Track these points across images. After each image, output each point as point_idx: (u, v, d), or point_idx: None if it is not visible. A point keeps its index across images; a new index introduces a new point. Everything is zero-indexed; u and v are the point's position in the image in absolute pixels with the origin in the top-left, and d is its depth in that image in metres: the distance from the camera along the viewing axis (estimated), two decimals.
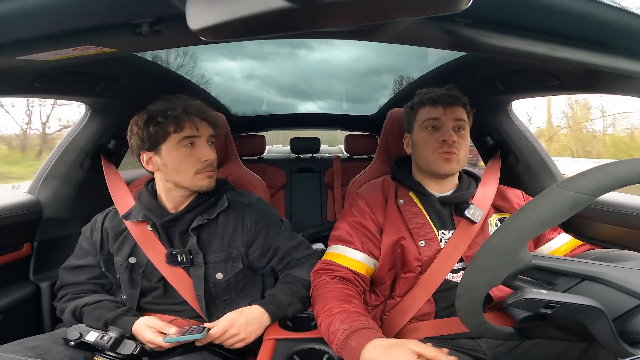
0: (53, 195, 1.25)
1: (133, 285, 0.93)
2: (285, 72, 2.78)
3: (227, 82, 2.60)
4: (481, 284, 0.52)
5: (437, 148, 0.90)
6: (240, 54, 2.38)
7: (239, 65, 2.51)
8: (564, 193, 0.46)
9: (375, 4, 0.36)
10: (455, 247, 0.87)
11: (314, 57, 2.69)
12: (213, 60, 2.27)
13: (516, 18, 0.56)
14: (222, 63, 2.41)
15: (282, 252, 0.98)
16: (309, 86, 3.02)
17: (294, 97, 3.02)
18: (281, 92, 3.02)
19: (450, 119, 0.92)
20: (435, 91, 0.95)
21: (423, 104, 0.96)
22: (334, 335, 0.70)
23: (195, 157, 0.89)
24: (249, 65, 2.56)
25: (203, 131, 0.91)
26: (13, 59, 0.64)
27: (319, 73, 2.79)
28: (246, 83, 2.77)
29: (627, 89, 0.87)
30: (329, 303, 0.77)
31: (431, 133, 0.92)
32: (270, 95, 2.96)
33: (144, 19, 0.52)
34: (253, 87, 2.87)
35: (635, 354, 0.47)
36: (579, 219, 1.18)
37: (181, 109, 0.88)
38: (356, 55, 2.52)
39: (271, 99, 2.97)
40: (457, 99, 0.93)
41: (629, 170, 0.46)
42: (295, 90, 2.96)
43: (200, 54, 1.96)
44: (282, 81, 2.94)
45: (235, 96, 2.68)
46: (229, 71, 2.51)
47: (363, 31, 0.64)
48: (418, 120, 0.96)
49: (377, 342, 0.64)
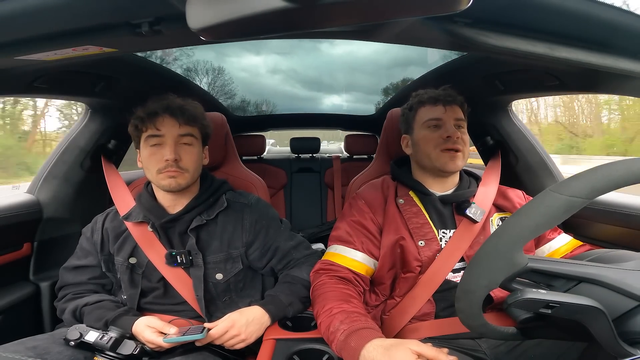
0: (53, 195, 1.25)
1: (133, 286, 0.93)
2: (309, 66, 2.76)
3: (253, 77, 2.62)
4: (479, 288, 0.52)
5: (440, 144, 0.91)
6: (265, 49, 2.36)
7: (264, 60, 2.51)
8: (557, 197, 0.47)
9: (375, 4, 0.36)
10: (456, 246, 0.87)
11: (337, 51, 2.66)
12: (238, 55, 2.27)
13: (516, 18, 0.56)
14: (247, 58, 2.41)
15: (282, 252, 0.98)
16: (333, 80, 2.99)
17: (318, 90, 2.99)
18: (306, 86, 3.00)
19: (451, 118, 0.93)
20: (433, 91, 0.96)
21: (423, 104, 0.96)
22: (333, 335, 0.69)
23: (159, 157, 0.88)
24: (273, 60, 2.56)
25: (167, 130, 0.88)
26: (13, 59, 0.64)
27: (342, 66, 2.75)
28: (271, 77, 2.78)
29: (627, 89, 0.87)
30: (328, 303, 0.77)
31: (434, 131, 0.93)
32: (295, 89, 2.95)
33: (144, 19, 0.52)
34: (278, 82, 2.87)
35: (635, 354, 0.47)
36: (579, 219, 1.18)
37: (150, 108, 0.88)
38: (380, 48, 2.48)
39: (296, 93, 2.95)
40: (455, 98, 0.95)
41: (623, 172, 0.46)
42: (320, 84, 2.94)
43: (226, 49, 1.94)
44: (306, 75, 2.92)
45: (260, 90, 2.69)
46: (254, 66, 2.53)
47: (363, 31, 0.64)
48: (419, 120, 0.96)
49: (376, 342, 0.64)
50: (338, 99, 3.08)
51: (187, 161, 0.89)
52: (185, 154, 0.89)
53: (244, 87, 2.28)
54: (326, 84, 2.91)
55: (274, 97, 2.75)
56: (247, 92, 2.54)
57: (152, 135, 0.88)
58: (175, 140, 0.88)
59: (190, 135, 0.91)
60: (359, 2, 0.34)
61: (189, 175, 0.90)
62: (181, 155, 0.88)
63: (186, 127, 0.90)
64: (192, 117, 0.91)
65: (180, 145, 0.89)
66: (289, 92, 2.90)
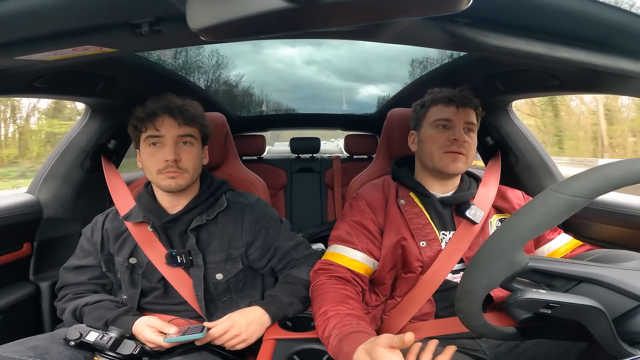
0: (53, 195, 1.25)
1: (133, 286, 0.93)
2: (342, 57, 2.75)
3: (289, 68, 2.63)
4: (479, 288, 0.52)
5: (445, 146, 0.90)
6: (300, 40, 2.37)
7: (299, 51, 2.53)
8: (558, 196, 0.46)
9: (375, 4, 0.36)
10: (455, 247, 0.87)
11: (370, 42, 2.67)
12: (274, 47, 2.28)
13: (516, 18, 0.56)
14: (283, 50, 2.42)
15: (282, 252, 0.98)
16: (369, 70, 2.96)
17: (354, 80, 2.96)
18: (341, 76, 2.98)
19: (462, 120, 0.91)
20: (449, 90, 0.94)
21: (436, 102, 0.95)
22: (327, 340, 0.70)
23: (159, 157, 0.88)
24: (308, 51, 2.58)
25: (167, 131, 0.88)
26: (13, 59, 0.64)
27: (378, 57, 2.71)
28: (306, 69, 2.80)
29: (627, 89, 0.87)
30: (324, 305, 0.76)
31: (441, 131, 0.91)
32: (330, 80, 2.94)
33: (144, 19, 0.52)
34: (313, 73, 2.87)
35: (635, 354, 0.47)
36: (579, 219, 1.18)
37: (149, 109, 0.88)
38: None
39: (332, 84, 2.94)
40: (470, 100, 0.93)
41: (624, 172, 0.46)
42: (356, 75, 2.91)
43: (263, 41, 1.95)
44: (341, 66, 2.89)
45: (296, 82, 2.71)
46: (290, 57, 2.55)
47: (363, 31, 0.64)
48: (429, 118, 0.95)
49: (362, 347, 0.62)
50: (375, 89, 3.07)
51: (186, 161, 0.89)
52: (185, 154, 0.89)
53: (279, 77, 2.30)
54: (361, 74, 2.88)
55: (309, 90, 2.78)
56: (283, 83, 2.59)
57: (152, 135, 0.88)
58: (175, 140, 0.88)
59: (190, 136, 0.91)
60: (359, 2, 0.34)
61: (189, 175, 0.90)
62: (181, 156, 0.88)
63: (186, 128, 0.90)
64: (192, 117, 0.91)
65: (180, 146, 0.89)
66: (325, 83, 2.88)
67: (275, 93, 2.67)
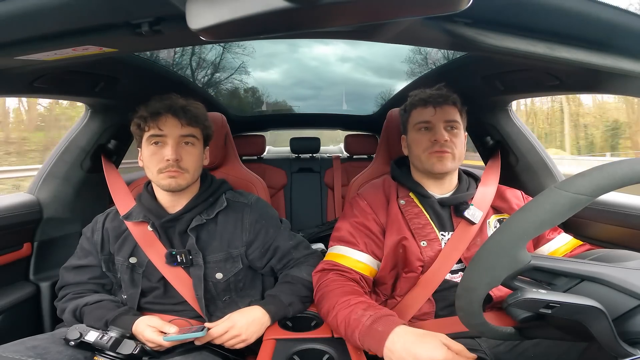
0: (53, 195, 1.25)
1: (134, 285, 0.93)
2: (377, 53, 2.72)
3: (323, 65, 2.64)
4: (480, 285, 0.52)
5: (428, 148, 0.90)
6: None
7: (333, 49, 2.53)
8: (562, 194, 0.46)
9: (375, 4, 0.36)
10: (454, 247, 0.87)
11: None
12: (309, 46, 2.30)
13: (516, 18, 0.56)
14: (317, 48, 2.43)
15: (282, 252, 0.98)
16: (405, 65, 3.00)
17: (390, 77, 2.96)
18: (377, 73, 2.97)
19: (441, 120, 0.91)
20: (425, 92, 0.95)
21: (414, 106, 0.96)
22: (357, 322, 0.69)
23: (160, 156, 0.88)
24: (341, 48, 2.56)
25: (170, 130, 0.88)
26: (13, 59, 0.64)
27: (413, 51, 2.77)
28: (341, 66, 2.77)
29: (627, 89, 0.87)
30: (344, 296, 0.77)
31: (424, 134, 0.92)
32: (366, 77, 2.93)
33: (144, 19, 0.52)
34: (347, 70, 2.85)
35: (635, 354, 0.47)
36: (579, 219, 1.18)
37: (153, 108, 0.88)
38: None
39: (368, 81, 2.93)
40: (447, 98, 0.93)
41: (628, 170, 0.46)
42: (392, 71, 2.91)
43: (298, 40, 1.96)
44: (376, 62, 2.86)
45: (332, 79, 2.72)
46: (324, 55, 2.55)
47: (363, 31, 0.64)
48: (411, 122, 0.96)
49: (407, 328, 0.65)
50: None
51: (187, 161, 0.89)
52: (186, 154, 0.90)
53: (313, 74, 2.31)
54: (397, 70, 2.89)
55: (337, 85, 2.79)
56: (318, 80, 2.60)
57: (154, 134, 0.88)
58: (177, 140, 0.89)
59: (192, 136, 0.91)
60: (359, 2, 0.34)
61: (189, 175, 0.90)
62: (182, 156, 0.89)
63: (188, 128, 0.90)
64: (195, 117, 0.91)
65: (182, 146, 0.89)
66: (360, 80, 2.87)
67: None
